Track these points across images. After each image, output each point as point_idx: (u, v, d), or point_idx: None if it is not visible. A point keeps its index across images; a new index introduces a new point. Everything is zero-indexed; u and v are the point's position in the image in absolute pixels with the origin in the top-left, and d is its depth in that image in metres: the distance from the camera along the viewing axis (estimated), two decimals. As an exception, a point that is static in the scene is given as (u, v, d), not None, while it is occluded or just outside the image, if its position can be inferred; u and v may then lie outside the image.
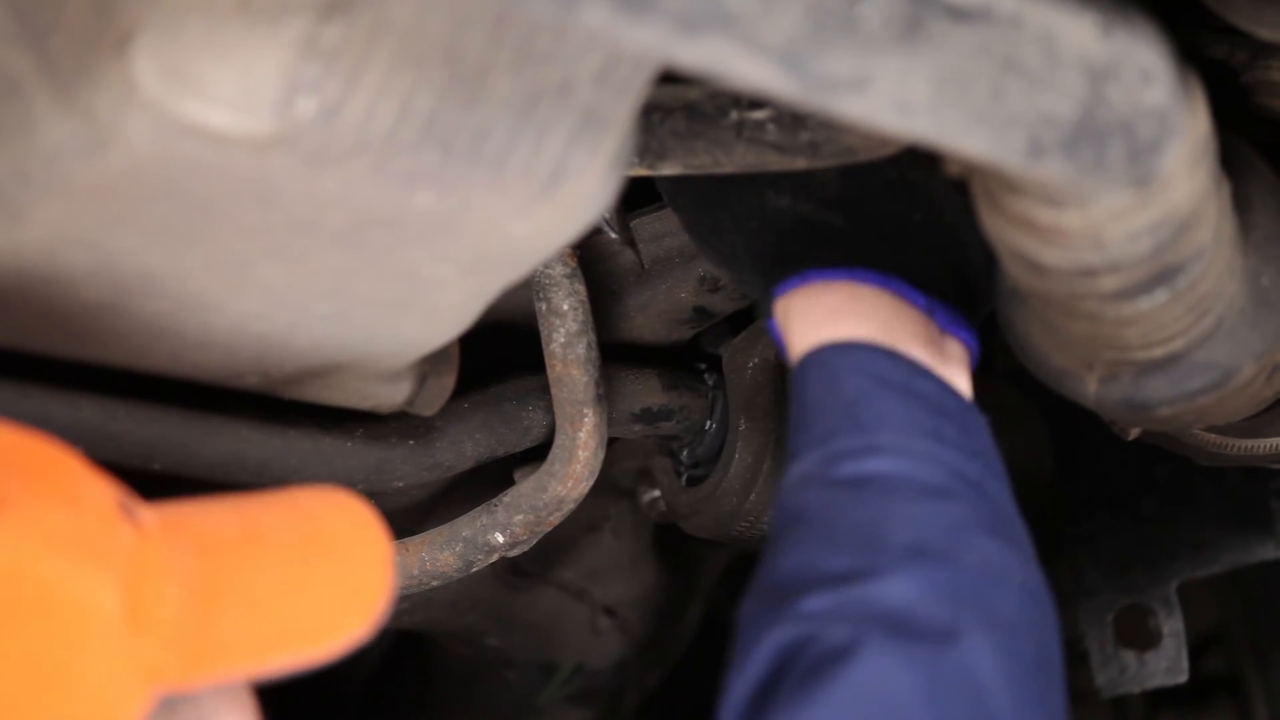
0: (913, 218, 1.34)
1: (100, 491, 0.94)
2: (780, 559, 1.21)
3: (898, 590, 1.15)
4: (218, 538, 0.98)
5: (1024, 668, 1.16)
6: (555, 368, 1.54)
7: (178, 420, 1.40)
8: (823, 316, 1.32)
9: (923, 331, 1.32)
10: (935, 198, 1.20)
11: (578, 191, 1.11)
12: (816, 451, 1.25)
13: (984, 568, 1.18)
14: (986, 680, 1.13)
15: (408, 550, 1.61)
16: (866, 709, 1.11)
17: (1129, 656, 1.96)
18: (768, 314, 1.37)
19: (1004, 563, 1.20)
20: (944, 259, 1.33)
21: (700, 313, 1.68)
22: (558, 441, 1.58)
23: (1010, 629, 1.16)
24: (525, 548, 1.62)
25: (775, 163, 1.26)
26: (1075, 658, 2.37)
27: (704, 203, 1.41)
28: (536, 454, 1.63)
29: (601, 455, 1.58)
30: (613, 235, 1.63)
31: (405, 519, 1.68)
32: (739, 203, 1.37)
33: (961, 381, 1.32)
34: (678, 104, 1.27)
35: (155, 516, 0.96)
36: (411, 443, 1.54)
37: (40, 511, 0.90)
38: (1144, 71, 1.01)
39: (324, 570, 1.01)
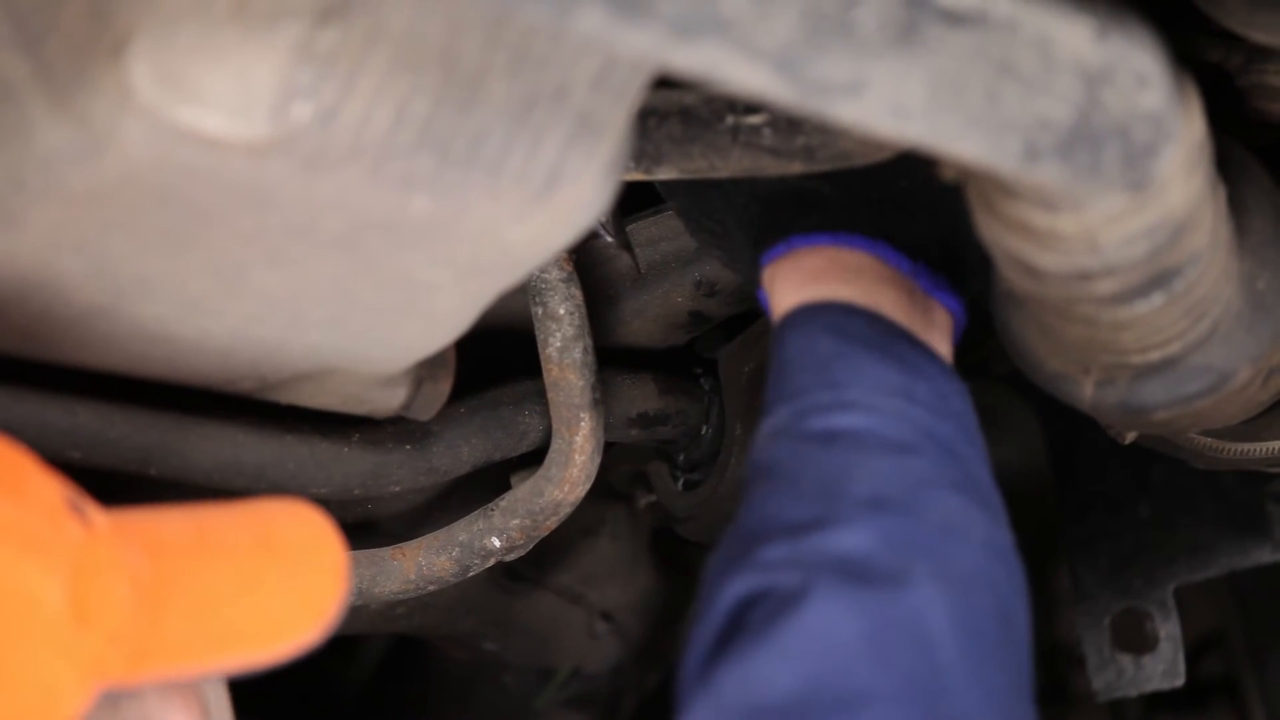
0: (899, 184, 1.34)
1: (48, 488, 0.95)
2: (746, 512, 1.22)
3: (852, 539, 1.15)
4: (170, 541, 0.99)
5: (979, 622, 1.15)
6: (551, 372, 1.54)
7: (174, 425, 1.40)
8: (804, 279, 1.33)
9: (905, 295, 1.32)
10: (924, 165, 1.21)
11: (574, 196, 1.11)
12: (788, 406, 1.26)
13: (944, 523, 1.18)
14: (936, 630, 1.12)
15: (404, 555, 1.61)
16: (811, 652, 1.10)
17: (1126, 660, 1.96)
18: (757, 284, 1.37)
19: (966, 519, 1.19)
20: (931, 226, 1.34)
21: (696, 317, 1.68)
22: (554, 446, 1.58)
23: (966, 583, 1.16)
24: (522, 552, 1.62)
25: (771, 167, 1.26)
26: (1072, 661, 2.37)
27: (696, 184, 1.42)
28: (533, 458, 1.63)
29: (598, 460, 1.58)
30: (609, 240, 1.63)
31: (402, 524, 1.68)
32: (729, 179, 1.37)
33: (943, 347, 1.33)
34: (673, 109, 1.27)
35: (107, 518, 0.97)
36: (408, 447, 1.54)
37: None
38: (1139, 75, 1.01)
39: (276, 575, 1.03)
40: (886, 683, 1.10)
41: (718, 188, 1.40)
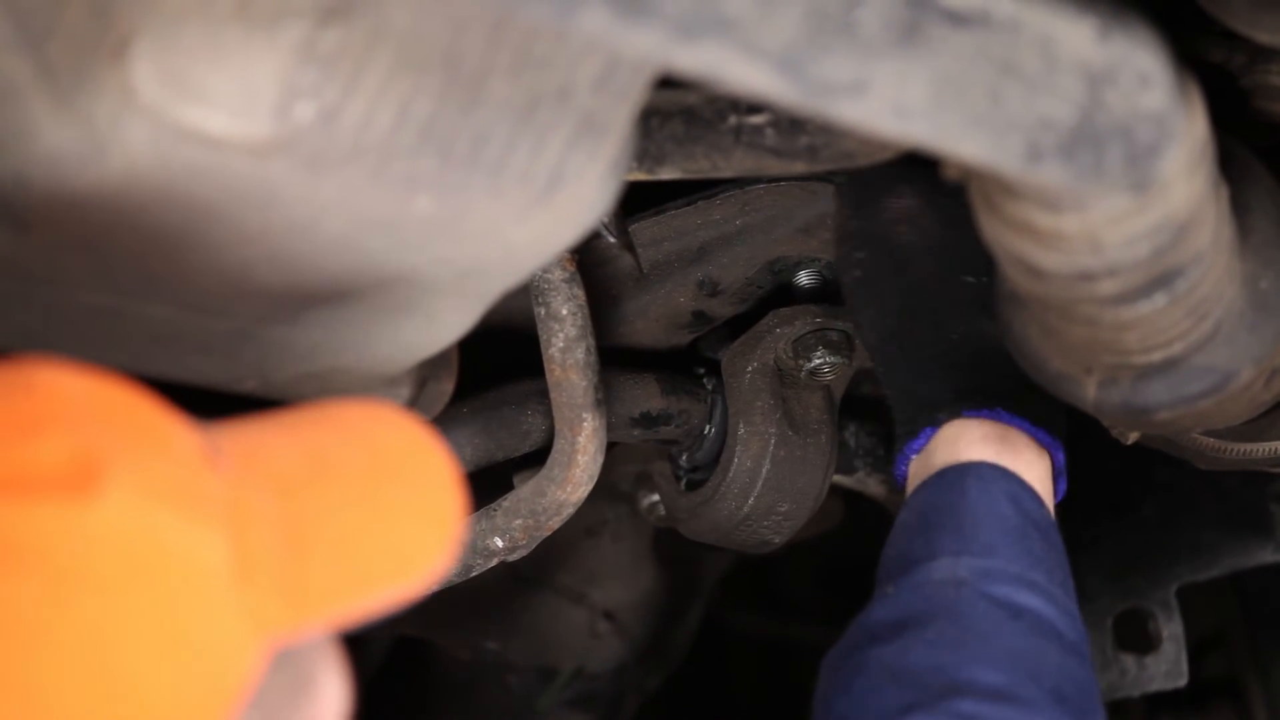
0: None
1: (188, 438, 0.90)
2: (926, 650, 1.29)
3: None
4: (291, 475, 0.93)
5: None
6: (554, 372, 1.54)
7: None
8: (989, 437, 1.43)
9: (1047, 473, 1.45)
10: None
11: (576, 196, 1.11)
12: (974, 561, 1.34)
13: None
14: None
15: (407, 555, 1.61)
16: None
17: (1129, 660, 1.96)
18: (924, 424, 1.46)
19: None
20: (1058, 406, 1.41)
21: (699, 317, 1.68)
22: (557, 446, 1.58)
23: None
24: (524, 552, 1.62)
25: (774, 167, 1.26)
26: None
27: (907, 313, 1.49)
28: (536, 458, 1.63)
29: (601, 459, 1.58)
30: (611, 240, 1.63)
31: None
32: (946, 324, 1.47)
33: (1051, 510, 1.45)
34: (676, 109, 1.27)
35: (236, 461, 0.92)
36: (411, 447, 1.54)
37: (141, 468, 0.86)
38: (1142, 76, 1.01)
39: (395, 499, 0.97)
40: None
41: (936, 329, 1.48)
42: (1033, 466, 1.43)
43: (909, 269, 1.50)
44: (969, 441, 1.43)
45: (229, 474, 0.90)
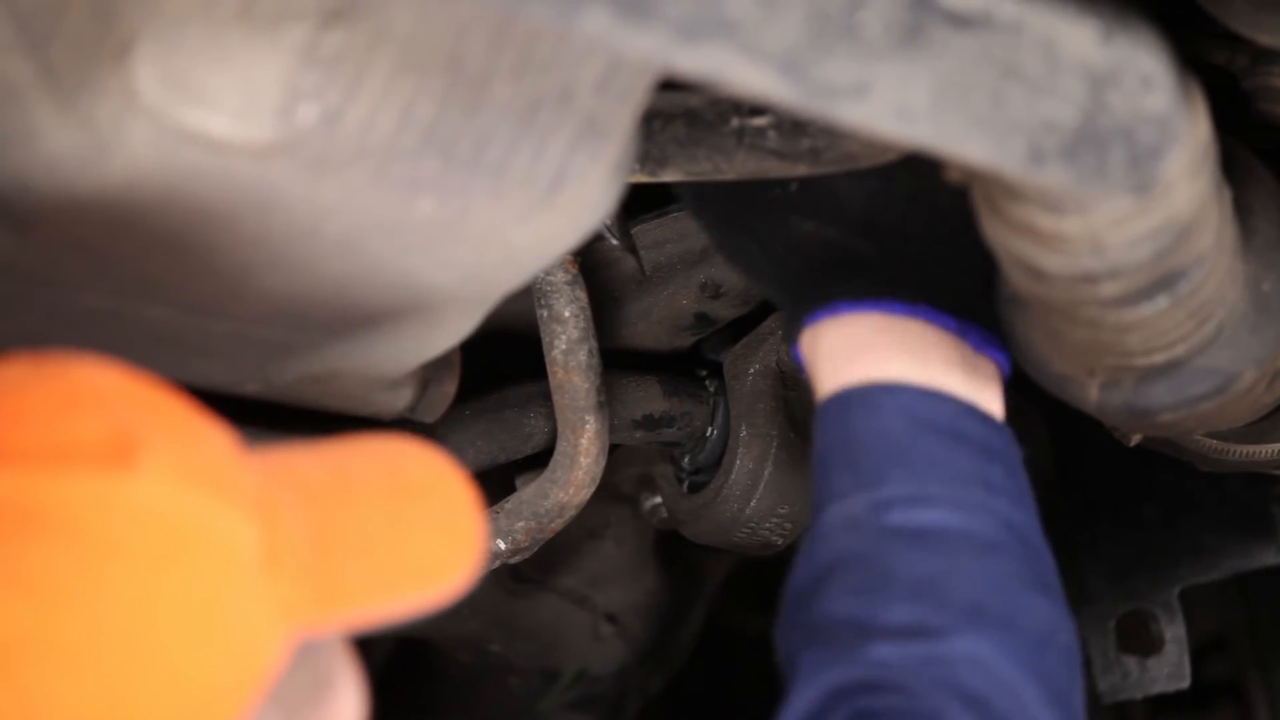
0: (940, 232, 1.33)
1: (219, 433, 0.92)
2: (831, 602, 1.23)
3: (963, 651, 1.18)
4: (317, 485, 0.95)
5: None
6: (557, 374, 1.54)
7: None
8: (856, 350, 1.31)
9: (956, 356, 1.32)
10: (962, 209, 1.21)
11: (579, 198, 1.11)
12: (865, 495, 1.26)
13: (1037, 631, 1.21)
14: None
15: (409, 557, 1.61)
16: None
17: (1131, 662, 1.96)
18: (793, 339, 1.37)
19: (1052, 623, 1.23)
20: (975, 275, 1.32)
21: (701, 319, 1.68)
22: (559, 448, 1.58)
23: (1062, 697, 1.20)
24: (527, 554, 1.62)
25: (776, 169, 1.26)
26: (1077, 664, 2.37)
27: (727, 224, 1.41)
28: (538, 461, 1.63)
29: (603, 462, 1.58)
30: (614, 242, 1.63)
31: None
32: (763, 226, 1.36)
33: (995, 404, 1.33)
34: (678, 111, 1.27)
35: (263, 466, 0.94)
36: (413, 449, 1.54)
37: (178, 450, 0.88)
38: (1145, 78, 1.01)
39: (418, 515, 0.99)
40: None
41: (751, 233, 1.38)
42: (926, 352, 1.31)
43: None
44: (836, 365, 1.33)
45: (258, 473, 0.92)
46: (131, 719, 0.85)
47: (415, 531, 0.98)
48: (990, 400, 1.32)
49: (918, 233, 1.32)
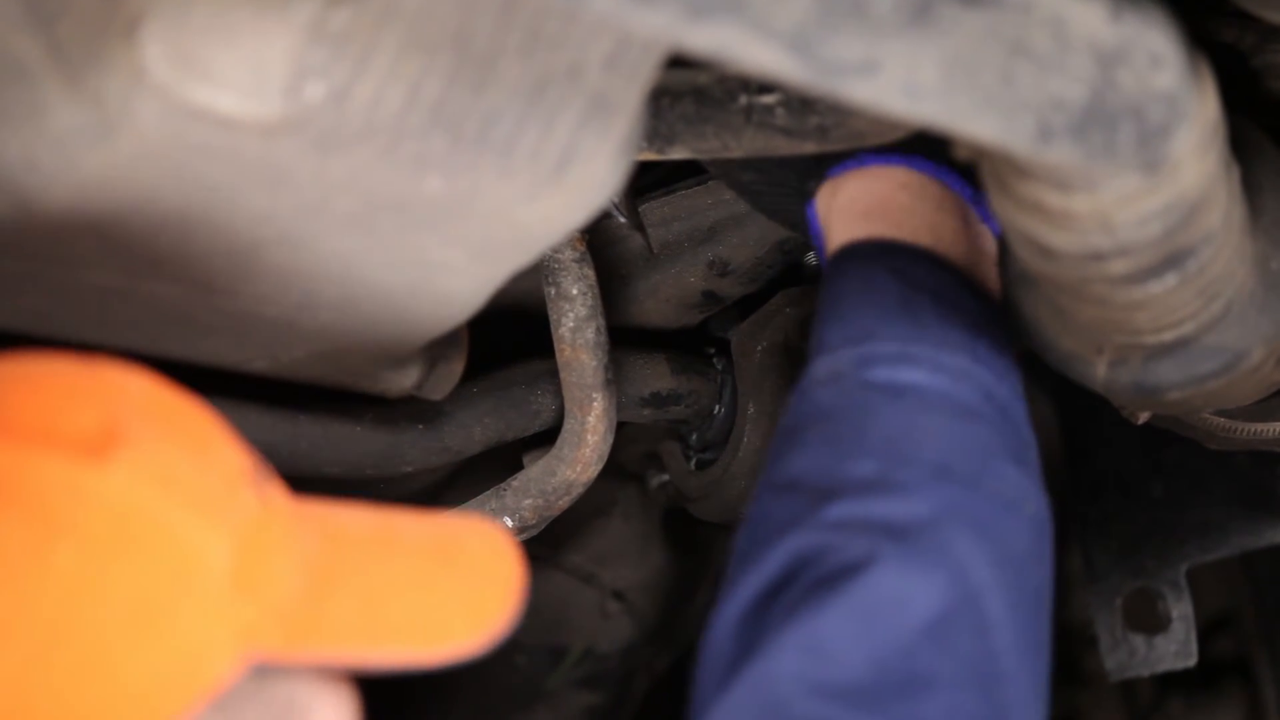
0: None
1: (232, 456, 0.94)
2: (803, 454, 1.21)
3: (919, 509, 1.15)
4: (349, 531, 0.98)
5: (1028, 604, 1.16)
6: (564, 352, 1.55)
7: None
8: (865, 209, 1.31)
9: (963, 225, 1.31)
10: None
11: (586, 176, 1.11)
12: (851, 350, 1.24)
13: (1004, 497, 1.18)
14: (993, 614, 1.13)
15: (416, 534, 1.61)
16: (870, 628, 1.10)
17: (1138, 640, 1.96)
18: (811, 194, 1.35)
19: (1021, 492, 1.20)
20: None
21: (709, 297, 1.68)
22: (567, 426, 1.58)
23: (1019, 563, 1.17)
24: (534, 532, 1.63)
25: (784, 146, 1.26)
26: (1084, 642, 2.37)
27: None
28: (545, 438, 1.63)
29: (610, 439, 1.58)
30: (621, 220, 1.63)
31: (414, 503, 1.68)
32: None
33: (992, 279, 1.32)
34: (687, 88, 1.27)
35: (288, 500, 0.96)
36: (420, 427, 1.55)
37: (160, 454, 0.90)
38: (1154, 56, 1.01)
39: (448, 581, 1.02)
40: (948, 667, 1.10)
41: None
42: (942, 218, 1.31)
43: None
44: (850, 218, 1.32)
45: (268, 502, 0.94)
46: (49, 699, 0.86)
47: (439, 592, 1.01)
48: (987, 269, 1.32)
49: None
